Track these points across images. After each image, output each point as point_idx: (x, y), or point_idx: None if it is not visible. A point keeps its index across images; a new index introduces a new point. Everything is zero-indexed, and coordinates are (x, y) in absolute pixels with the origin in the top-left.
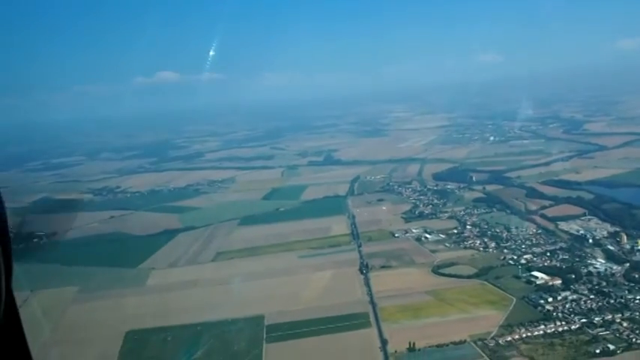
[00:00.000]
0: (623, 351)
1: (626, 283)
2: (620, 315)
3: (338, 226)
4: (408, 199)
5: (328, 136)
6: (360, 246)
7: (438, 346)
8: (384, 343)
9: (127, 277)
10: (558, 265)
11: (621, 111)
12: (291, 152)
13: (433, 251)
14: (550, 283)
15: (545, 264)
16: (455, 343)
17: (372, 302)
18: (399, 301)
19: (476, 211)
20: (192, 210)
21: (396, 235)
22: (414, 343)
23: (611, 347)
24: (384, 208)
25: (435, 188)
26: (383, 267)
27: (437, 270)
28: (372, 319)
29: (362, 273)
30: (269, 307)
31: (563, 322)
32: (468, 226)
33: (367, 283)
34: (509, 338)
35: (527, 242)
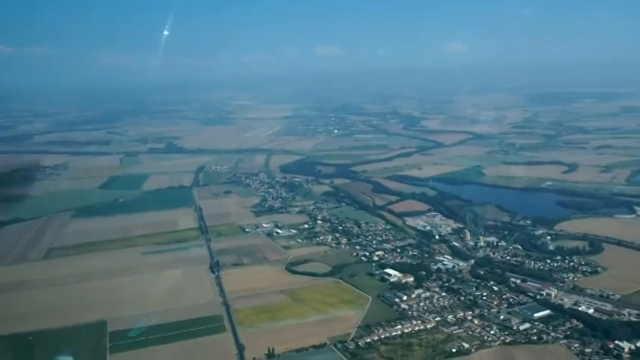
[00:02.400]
0: (477, 349)
1: (473, 280)
2: (470, 312)
3: (184, 219)
4: (257, 191)
5: (170, 122)
6: (209, 241)
7: (297, 350)
8: (240, 349)
9: None
10: (409, 261)
11: (454, 110)
12: (130, 138)
13: (286, 247)
14: (403, 281)
15: (397, 261)
16: (315, 347)
17: (226, 304)
18: (254, 301)
19: (325, 206)
20: (20, 199)
21: (247, 230)
22: (272, 349)
23: (466, 345)
24: (233, 200)
25: (284, 181)
26: (235, 265)
27: (291, 268)
28: (226, 322)
29: (213, 271)
30: (112, 312)
31: (419, 321)
32: (319, 221)
33: (219, 283)
34: (368, 339)
35: (378, 238)
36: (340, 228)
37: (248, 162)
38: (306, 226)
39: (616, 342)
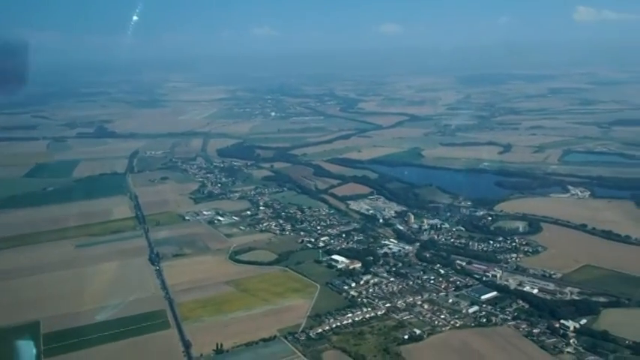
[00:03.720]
0: (429, 335)
1: (420, 263)
2: (420, 297)
3: (120, 208)
4: (195, 177)
5: (100, 105)
6: (147, 231)
7: (247, 344)
8: (186, 345)
9: None
10: (355, 247)
11: (389, 91)
12: (56, 122)
13: (228, 235)
14: (351, 267)
15: (343, 246)
16: (265, 340)
17: (169, 298)
18: (199, 294)
19: (267, 191)
20: None
21: (187, 218)
22: (221, 344)
23: (418, 332)
24: (170, 187)
25: (222, 165)
26: (176, 255)
27: (235, 257)
28: (170, 318)
29: (153, 263)
30: (45, 311)
31: (369, 308)
32: (262, 207)
33: (160, 276)
34: (319, 330)
35: (322, 223)
36: (283, 214)
37: (184, 146)
38: (248, 212)
39: (561, 321)
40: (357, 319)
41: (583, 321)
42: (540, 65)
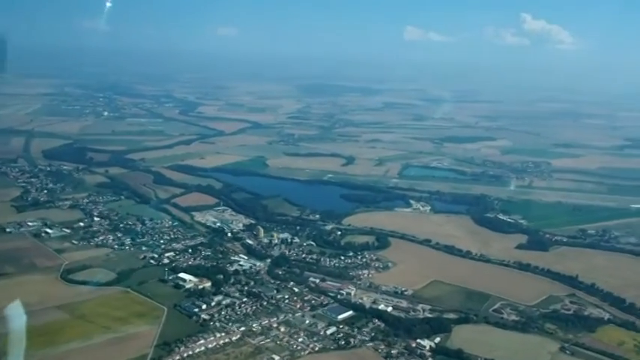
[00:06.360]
0: None
1: (272, 281)
2: (275, 319)
3: None
4: (17, 181)
5: None
6: None
7: None
8: None
9: None
10: (203, 263)
11: (230, 96)
12: None
13: (59, 251)
14: (200, 287)
15: (190, 263)
16: None
17: None
18: (27, 322)
19: (102, 199)
20: None
21: (8, 229)
22: None
23: (276, 358)
24: None
25: (49, 169)
26: None
27: (67, 276)
28: None
29: None
30: None
31: (223, 333)
32: (96, 218)
33: None
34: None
35: (166, 237)
36: (122, 226)
37: (2, 145)
38: (81, 224)
39: (418, 340)
40: (210, 345)
41: (437, 339)
42: (374, 80)
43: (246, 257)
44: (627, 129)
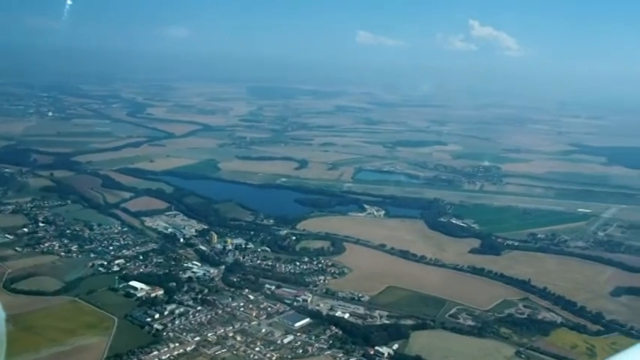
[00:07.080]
0: None
1: (227, 289)
2: (231, 328)
3: None
4: None
5: None
6: None
7: None
8: None
9: None
10: (155, 271)
11: (178, 98)
12: None
13: (1, 259)
14: (152, 295)
15: (141, 270)
16: None
17: None
18: None
19: (47, 204)
20: None
21: None
22: None
23: None
24: None
25: None
26: None
27: (11, 285)
28: None
29: None
30: None
31: (177, 344)
32: (41, 223)
33: None
34: None
35: (116, 243)
36: (68, 232)
37: None
38: (25, 230)
39: (376, 348)
40: (164, 357)
41: (395, 346)
42: (327, 83)
43: (199, 264)
44: (572, 135)
